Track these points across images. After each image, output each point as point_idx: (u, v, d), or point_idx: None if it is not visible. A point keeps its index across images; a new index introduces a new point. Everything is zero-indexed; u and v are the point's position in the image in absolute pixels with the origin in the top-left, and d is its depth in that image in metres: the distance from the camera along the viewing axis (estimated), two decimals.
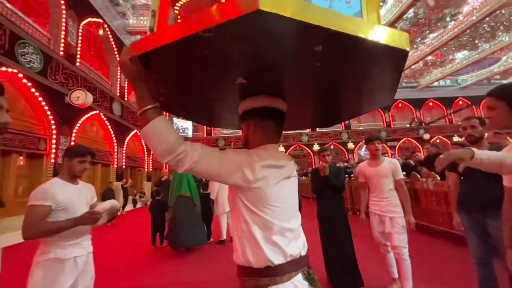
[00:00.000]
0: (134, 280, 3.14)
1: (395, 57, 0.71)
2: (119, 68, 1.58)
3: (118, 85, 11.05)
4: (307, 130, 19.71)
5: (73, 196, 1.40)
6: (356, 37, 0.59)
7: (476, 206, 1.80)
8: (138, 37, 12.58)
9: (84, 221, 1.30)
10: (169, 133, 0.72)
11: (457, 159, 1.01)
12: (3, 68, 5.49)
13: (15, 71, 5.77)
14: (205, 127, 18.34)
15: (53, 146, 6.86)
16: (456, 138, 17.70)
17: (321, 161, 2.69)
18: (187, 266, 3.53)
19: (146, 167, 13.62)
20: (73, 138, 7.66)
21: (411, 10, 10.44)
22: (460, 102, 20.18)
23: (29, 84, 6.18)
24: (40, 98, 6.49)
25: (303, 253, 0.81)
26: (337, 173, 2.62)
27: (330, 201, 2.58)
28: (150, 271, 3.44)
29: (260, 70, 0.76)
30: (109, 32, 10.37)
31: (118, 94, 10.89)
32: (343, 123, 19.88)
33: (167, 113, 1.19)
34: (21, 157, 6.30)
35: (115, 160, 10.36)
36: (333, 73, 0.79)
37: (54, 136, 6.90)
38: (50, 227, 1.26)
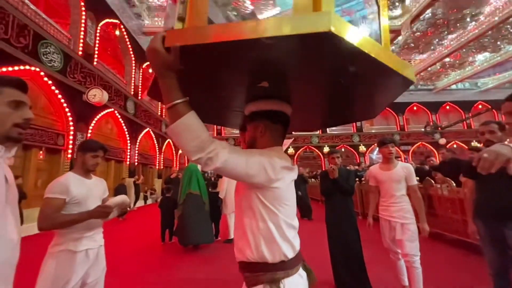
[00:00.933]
0: (144, 273, 3.22)
1: (402, 84, 0.81)
2: (148, 54, 1.38)
3: (133, 84, 11.36)
4: (318, 132, 19.50)
5: (86, 191, 1.44)
6: (384, 65, 0.68)
7: (494, 215, 1.73)
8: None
9: (96, 214, 1.34)
10: (202, 129, 0.70)
11: (506, 160, 0.79)
12: (27, 67, 5.78)
13: (37, 69, 6.06)
14: (215, 126, 18.53)
15: (70, 142, 7.15)
16: (474, 144, 16.96)
17: (330, 164, 2.64)
18: (194, 263, 3.58)
19: (157, 165, 13.91)
20: (89, 135, 7.95)
21: (428, 11, 10.12)
22: (480, 106, 19.34)
23: (50, 82, 6.47)
24: (60, 96, 6.78)
25: (299, 247, 0.90)
26: (347, 176, 2.57)
27: (339, 205, 2.53)
28: (158, 266, 3.52)
29: (287, 79, 0.80)
30: (125, 33, 10.69)
31: (132, 93, 11.20)
32: (354, 125, 19.53)
33: None
34: (41, 152, 6.60)
35: (128, 157, 10.66)
36: (346, 87, 0.84)
37: (72, 133, 7.19)
38: (64, 220, 1.31)
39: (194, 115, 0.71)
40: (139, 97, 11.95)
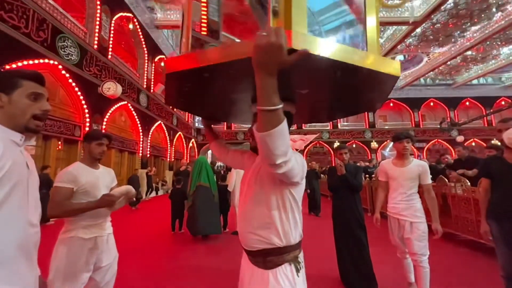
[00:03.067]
0: (154, 261, 3.36)
1: (388, 80, 0.87)
2: (268, 49, 0.54)
3: (145, 77, 11.56)
4: (328, 127, 19.21)
5: (94, 180, 1.48)
6: (360, 67, 0.76)
7: (509, 215, 1.67)
8: (166, 31, 13.00)
9: (103, 203, 1.38)
10: (288, 135, 0.75)
11: None
12: (46, 60, 6.01)
13: (56, 63, 6.29)
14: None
15: None
16: (495, 142, 16.17)
17: (338, 159, 2.59)
18: (202, 253, 3.70)
19: (168, 157, 14.23)
20: (103, 126, 8.22)
21: (450, 0, 9.57)
22: (503, 103, 18.31)
23: (67, 75, 6.70)
24: (76, 89, 7.03)
25: None
26: (355, 172, 2.52)
27: (347, 201, 2.50)
28: (168, 254, 3.67)
29: (289, 86, 0.91)
30: (138, 26, 10.83)
31: (145, 86, 11.41)
32: (367, 120, 19.07)
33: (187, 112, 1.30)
34: (60, 142, 6.91)
35: (141, 148, 10.96)
36: (334, 88, 0.95)
37: (88, 124, 7.46)
38: (72, 208, 1.36)
39: (286, 121, 0.71)
40: (151, 90, 12.17)
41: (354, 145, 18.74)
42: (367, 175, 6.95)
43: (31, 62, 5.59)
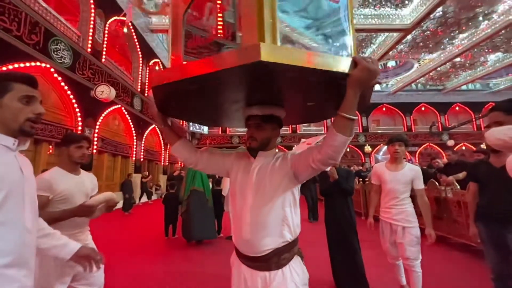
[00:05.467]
0: (147, 267, 3.30)
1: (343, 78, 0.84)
2: (374, 75, 0.71)
3: (139, 81, 11.50)
4: (323, 130, 19.37)
5: (73, 187, 1.37)
6: (313, 69, 0.74)
7: (496, 218, 1.71)
8: (160, 35, 13.01)
9: (80, 212, 1.29)
10: None
11: None
12: (38, 63, 5.92)
13: (48, 66, 6.20)
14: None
15: None
16: (484, 146, 16.58)
17: None
18: (197, 258, 3.65)
19: (162, 161, 14.09)
20: (96, 130, 8.11)
21: (439, 9, 9.88)
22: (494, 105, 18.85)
23: (59, 78, 6.62)
24: (69, 92, 6.93)
25: None
26: (347, 176, 2.51)
27: (339, 205, 2.49)
28: (162, 260, 3.60)
29: (274, 92, 0.96)
30: (132, 30, 10.80)
31: (139, 89, 11.34)
32: (360, 125, 19.33)
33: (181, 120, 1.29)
34: (51, 146, 6.77)
35: (134, 152, 10.83)
36: (319, 90, 0.96)
37: (80, 128, 7.35)
38: (44, 217, 1.25)
39: None
40: (146, 94, 12.09)
41: (348, 149, 18.92)
42: (360, 179, 7.01)
43: (22, 65, 5.51)
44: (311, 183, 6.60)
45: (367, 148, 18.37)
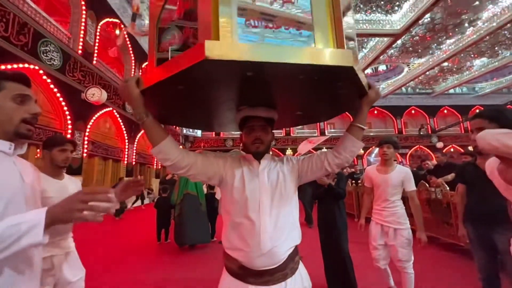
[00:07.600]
0: (139, 273, 3.23)
1: (341, 73, 0.79)
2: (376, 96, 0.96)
3: None
4: (316, 134, 19.54)
5: (56, 192, 1.32)
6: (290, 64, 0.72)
7: (483, 219, 1.76)
8: None
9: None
10: None
11: None
12: (26, 65, 5.77)
13: (36, 67, 6.06)
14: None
15: None
16: (471, 148, 17.05)
17: None
18: (190, 263, 3.59)
19: (154, 164, 13.89)
20: (87, 134, 7.93)
21: (427, 15, 10.20)
22: (477, 111, 19.41)
23: (49, 80, 6.46)
24: (58, 94, 6.77)
25: None
26: (338, 179, 2.52)
27: (331, 209, 2.49)
28: (154, 266, 3.53)
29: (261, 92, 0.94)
30: (125, 32, 10.69)
31: None
32: None
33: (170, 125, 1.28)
34: (39, 150, 6.59)
35: (126, 156, 10.64)
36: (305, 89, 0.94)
37: (70, 131, 7.18)
38: None
39: None
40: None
41: None
42: (353, 181, 7.08)
43: (9, 66, 5.36)
44: (307, 186, 6.54)
45: (360, 151, 18.61)
